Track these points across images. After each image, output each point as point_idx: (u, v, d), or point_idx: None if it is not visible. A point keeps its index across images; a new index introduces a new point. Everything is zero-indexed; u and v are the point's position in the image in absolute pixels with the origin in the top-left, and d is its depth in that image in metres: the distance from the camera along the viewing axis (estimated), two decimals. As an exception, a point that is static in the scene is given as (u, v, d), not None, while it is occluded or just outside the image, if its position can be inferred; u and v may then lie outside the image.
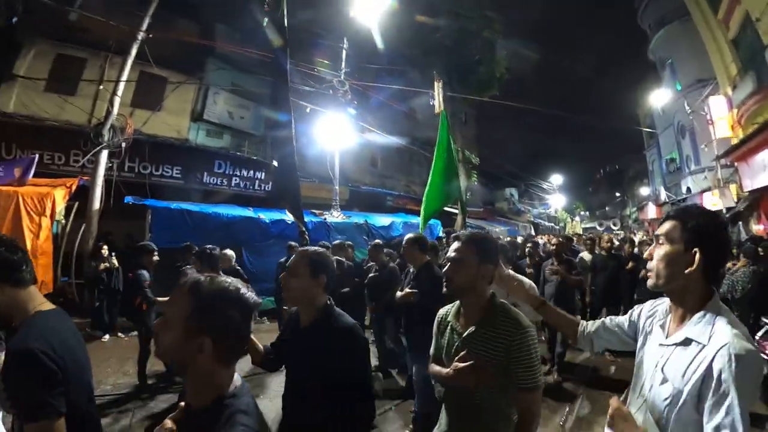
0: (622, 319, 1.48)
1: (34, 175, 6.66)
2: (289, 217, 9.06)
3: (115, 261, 6.63)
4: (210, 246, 3.95)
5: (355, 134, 11.44)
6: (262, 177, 13.50)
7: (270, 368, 1.96)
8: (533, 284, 2.72)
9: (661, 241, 1.20)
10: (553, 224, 35.86)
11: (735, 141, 11.43)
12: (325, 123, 10.51)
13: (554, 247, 5.60)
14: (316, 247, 1.91)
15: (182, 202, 8.42)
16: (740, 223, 11.81)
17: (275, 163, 4.75)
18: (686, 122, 17.17)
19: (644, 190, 30.50)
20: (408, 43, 13.87)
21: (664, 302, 1.30)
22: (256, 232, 8.30)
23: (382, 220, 10.77)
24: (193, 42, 11.03)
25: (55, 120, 9.48)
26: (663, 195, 22.98)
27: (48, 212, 5.97)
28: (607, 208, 47.53)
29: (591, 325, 1.57)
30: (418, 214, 15.41)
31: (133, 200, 7.92)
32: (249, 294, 1.01)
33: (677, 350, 1.13)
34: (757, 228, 10.86)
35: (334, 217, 9.94)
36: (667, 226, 1.20)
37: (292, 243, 6.12)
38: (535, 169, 35.76)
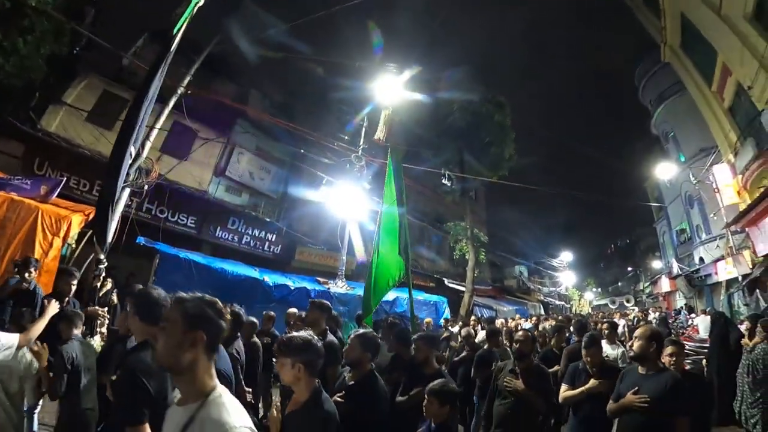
0: None
1: (58, 196, 6.94)
2: (293, 283, 9.13)
3: (115, 297, 6.53)
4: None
5: (367, 207, 11.79)
6: (272, 239, 13.90)
7: None
8: None
9: None
10: (563, 302, 34.94)
11: (743, 206, 11.55)
12: (339, 194, 10.89)
13: (518, 345, 3.46)
14: None
15: (191, 251, 8.56)
16: (758, 290, 11.52)
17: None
18: (693, 192, 17.44)
19: (657, 264, 30.06)
20: (423, 124, 14.84)
21: None
22: (259, 293, 8.30)
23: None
24: (227, 103, 11.97)
25: (88, 149, 10.09)
26: (675, 267, 22.57)
27: (62, 234, 6.13)
28: (619, 284, 46.44)
29: None
30: (424, 289, 15.42)
31: (144, 242, 8.06)
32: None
33: None
34: (777, 293, 10.60)
35: (339, 287, 9.87)
36: None
37: (293, 310, 6.06)
38: (545, 247, 35.70)
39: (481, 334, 7.21)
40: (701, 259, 18.26)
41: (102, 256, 6.35)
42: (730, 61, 10.38)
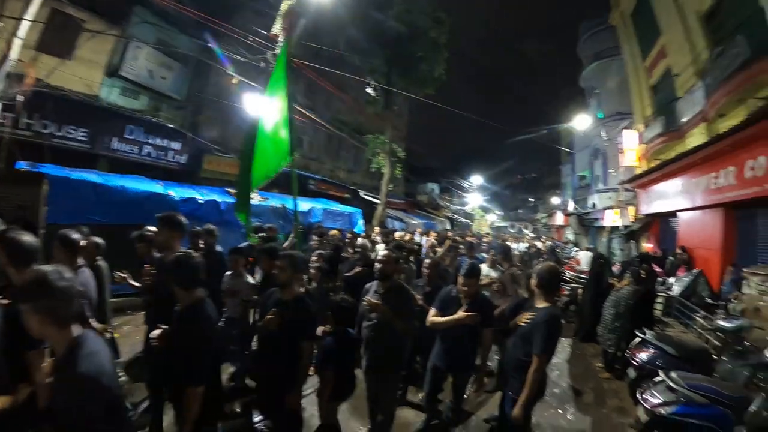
0: None
1: None
2: (201, 196, 8.42)
3: None
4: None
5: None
6: (178, 148, 12.53)
7: None
8: None
9: None
10: (468, 221, 37.67)
11: (639, 171, 12.92)
12: (253, 97, 9.72)
13: (380, 265, 3.26)
14: None
15: (86, 170, 7.51)
16: (633, 241, 13.50)
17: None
18: (601, 147, 19.06)
19: (555, 200, 33.27)
20: (353, 27, 13.44)
21: None
22: (165, 210, 7.57)
23: (301, 204, 10.24)
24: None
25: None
26: (571, 206, 25.42)
27: None
28: (520, 211, 51.33)
29: None
30: (339, 200, 15.26)
31: (26, 166, 6.78)
32: None
33: None
34: (647, 246, 12.52)
35: (252, 199, 9.34)
36: None
37: (210, 226, 5.46)
38: (457, 167, 37.35)
39: (380, 248, 6.89)
40: (594, 205, 20.61)
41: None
42: (669, 46, 10.67)
